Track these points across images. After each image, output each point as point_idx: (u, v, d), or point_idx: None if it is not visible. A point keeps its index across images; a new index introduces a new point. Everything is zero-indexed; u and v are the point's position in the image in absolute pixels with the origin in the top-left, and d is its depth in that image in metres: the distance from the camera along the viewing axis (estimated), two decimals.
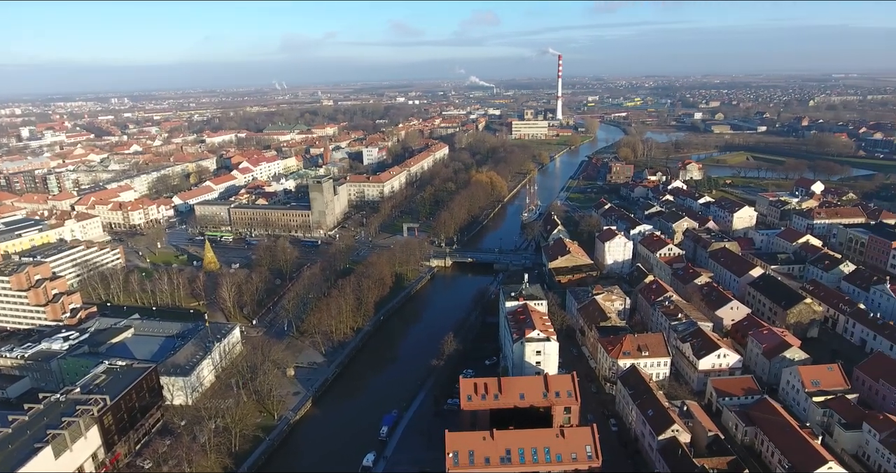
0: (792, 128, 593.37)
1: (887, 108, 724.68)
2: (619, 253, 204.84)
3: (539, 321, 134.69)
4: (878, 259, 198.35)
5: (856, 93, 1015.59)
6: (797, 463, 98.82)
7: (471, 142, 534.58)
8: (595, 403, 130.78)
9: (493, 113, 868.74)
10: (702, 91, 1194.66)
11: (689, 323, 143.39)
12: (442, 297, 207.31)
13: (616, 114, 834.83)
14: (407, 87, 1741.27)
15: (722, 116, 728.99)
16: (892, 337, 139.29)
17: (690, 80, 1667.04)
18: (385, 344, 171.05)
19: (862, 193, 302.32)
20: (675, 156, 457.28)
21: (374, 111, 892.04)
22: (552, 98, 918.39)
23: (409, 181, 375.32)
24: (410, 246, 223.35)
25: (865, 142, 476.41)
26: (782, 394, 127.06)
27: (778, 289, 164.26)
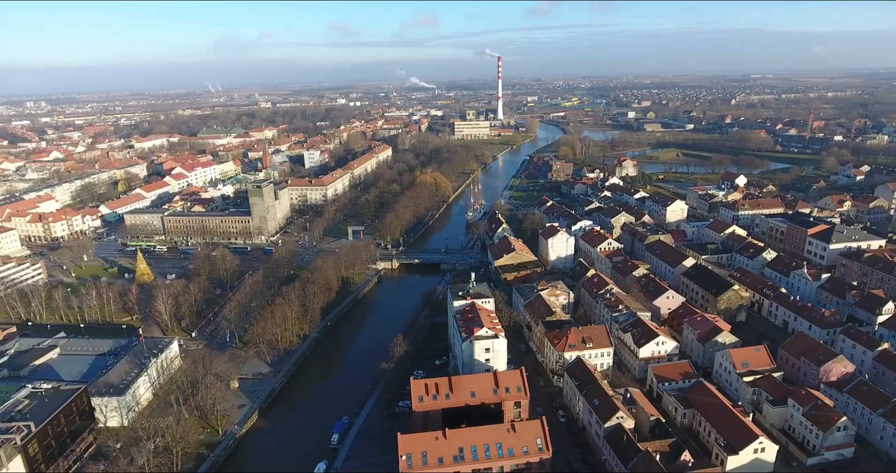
0: (716, 125, 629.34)
1: (799, 106, 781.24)
2: (562, 248, 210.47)
3: (487, 319, 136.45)
4: (796, 245, 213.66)
5: (772, 92, 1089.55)
6: (731, 440, 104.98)
7: (414, 143, 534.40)
8: (544, 396, 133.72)
9: (435, 114, 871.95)
10: (634, 91, 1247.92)
11: (630, 314, 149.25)
12: (390, 300, 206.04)
13: (555, 114, 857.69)
14: (348, 89, 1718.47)
15: (653, 115, 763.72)
16: (811, 317, 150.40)
17: (623, 81, 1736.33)
18: (333, 350, 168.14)
19: (780, 185, 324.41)
20: (612, 153, 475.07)
21: (315, 113, 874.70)
22: (493, 98, 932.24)
23: (352, 183, 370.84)
24: (356, 249, 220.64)
25: (782, 138, 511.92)
26: (716, 376, 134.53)
27: (709, 278, 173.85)
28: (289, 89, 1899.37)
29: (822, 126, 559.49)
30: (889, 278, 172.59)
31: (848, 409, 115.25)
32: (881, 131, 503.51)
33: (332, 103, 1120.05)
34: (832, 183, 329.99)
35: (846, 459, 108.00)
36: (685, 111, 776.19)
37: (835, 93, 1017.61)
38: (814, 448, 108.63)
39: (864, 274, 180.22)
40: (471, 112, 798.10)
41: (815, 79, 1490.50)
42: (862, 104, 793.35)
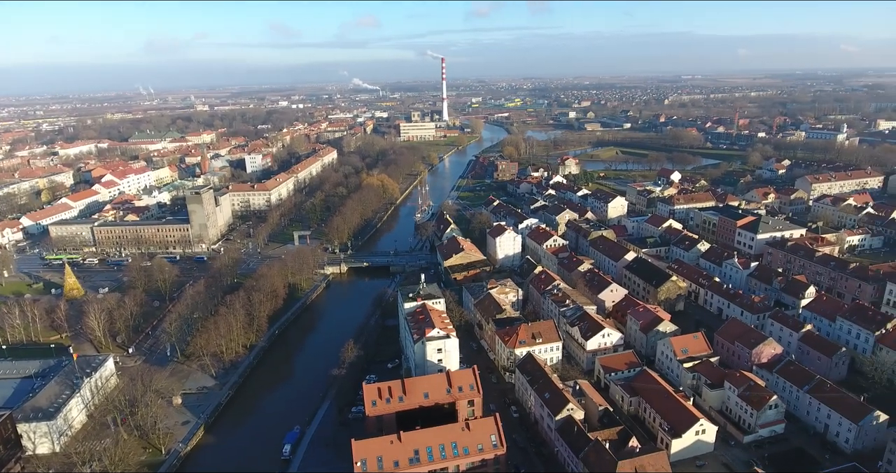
0: (652, 124, 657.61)
1: (726, 105, 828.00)
2: (510, 247, 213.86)
3: (438, 319, 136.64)
4: (727, 237, 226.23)
5: (701, 92, 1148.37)
6: (674, 424, 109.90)
7: (359, 145, 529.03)
8: (496, 393, 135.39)
9: (380, 115, 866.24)
10: (574, 91, 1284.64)
11: (576, 308, 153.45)
12: (339, 304, 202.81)
13: (499, 115, 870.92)
14: (289, 91, 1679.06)
15: (593, 115, 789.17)
16: (742, 304, 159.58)
17: (564, 82, 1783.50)
18: (282, 359, 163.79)
19: (711, 180, 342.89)
20: (555, 152, 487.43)
21: (256, 116, 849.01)
22: (438, 100, 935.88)
23: (297, 188, 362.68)
24: (303, 254, 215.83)
25: (711, 135, 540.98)
26: (658, 364, 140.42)
27: (649, 270, 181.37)
28: (227, 91, 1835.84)
29: (747, 124, 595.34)
30: (810, 264, 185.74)
31: (778, 388, 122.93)
32: (799, 128, 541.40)
33: (273, 105, 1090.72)
34: (757, 177, 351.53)
35: (778, 435, 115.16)
36: (622, 111, 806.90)
37: (757, 92, 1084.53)
38: (749, 426, 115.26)
39: (788, 261, 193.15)
40: (416, 113, 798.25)
41: (740, 79, 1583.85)
42: (782, 103, 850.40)
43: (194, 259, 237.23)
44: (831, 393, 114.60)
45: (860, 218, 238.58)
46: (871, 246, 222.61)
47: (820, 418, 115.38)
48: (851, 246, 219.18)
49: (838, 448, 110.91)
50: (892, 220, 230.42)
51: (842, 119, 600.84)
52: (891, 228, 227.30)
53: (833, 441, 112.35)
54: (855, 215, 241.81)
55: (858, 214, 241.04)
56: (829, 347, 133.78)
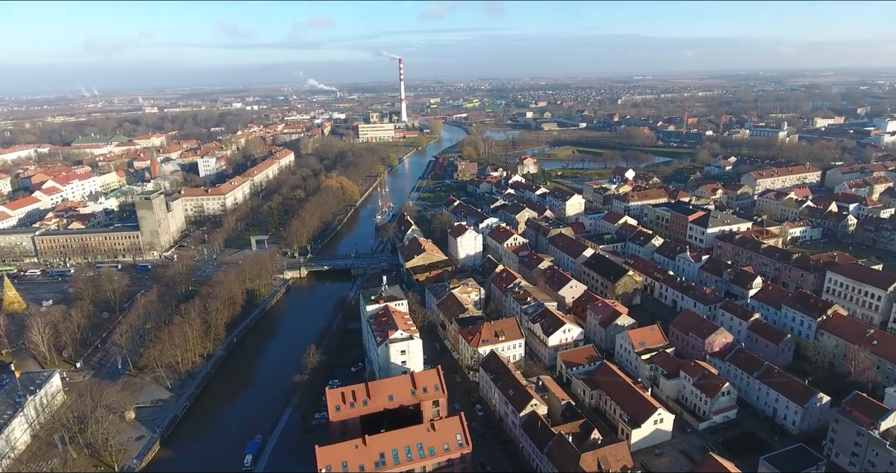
0: (606, 123, 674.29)
1: (676, 105, 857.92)
2: (471, 246, 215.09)
3: (401, 321, 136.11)
4: (679, 231, 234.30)
5: (652, 92, 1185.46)
6: (634, 415, 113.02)
7: (317, 147, 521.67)
8: (461, 392, 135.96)
9: (338, 117, 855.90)
10: (531, 92, 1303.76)
11: (538, 305, 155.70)
12: (300, 309, 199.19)
13: (457, 115, 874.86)
14: (243, 92, 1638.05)
15: (549, 115, 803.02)
16: (695, 295, 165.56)
17: (520, 82, 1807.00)
18: (242, 367, 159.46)
19: (663, 177, 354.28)
20: (513, 152, 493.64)
21: (208, 118, 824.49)
22: (396, 101, 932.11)
23: (253, 191, 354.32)
24: (261, 259, 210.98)
25: (662, 134, 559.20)
26: (618, 357, 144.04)
27: (606, 266, 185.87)
28: (177, 93, 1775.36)
29: (696, 123, 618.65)
30: (756, 256, 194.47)
31: (730, 375, 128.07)
32: (743, 126, 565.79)
33: (226, 107, 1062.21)
34: (706, 173, 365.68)
35: (731, 420, 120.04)
36: (578, 110, 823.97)
37: (704, 92, 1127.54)
38: (704, 413, 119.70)
39: (736, 253, 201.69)
40: (374, 114, 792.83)
41: (687, 80, 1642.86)
42: (727, 102, 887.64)
43: (137, 267, 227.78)
44: (778, 378, 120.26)
45: (801, 211, 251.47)
46: (811, 238, 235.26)
47: (769, 402, 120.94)
48: (794, 238, 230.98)
49: (786, 430, 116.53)
50: (830, 213, 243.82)
51: (782, 117, 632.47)
52: (829, 220, 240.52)
53: (781, 423, 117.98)
54: (796, 208, 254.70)
55: (799, 207, 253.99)
56: (775, 334, 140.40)
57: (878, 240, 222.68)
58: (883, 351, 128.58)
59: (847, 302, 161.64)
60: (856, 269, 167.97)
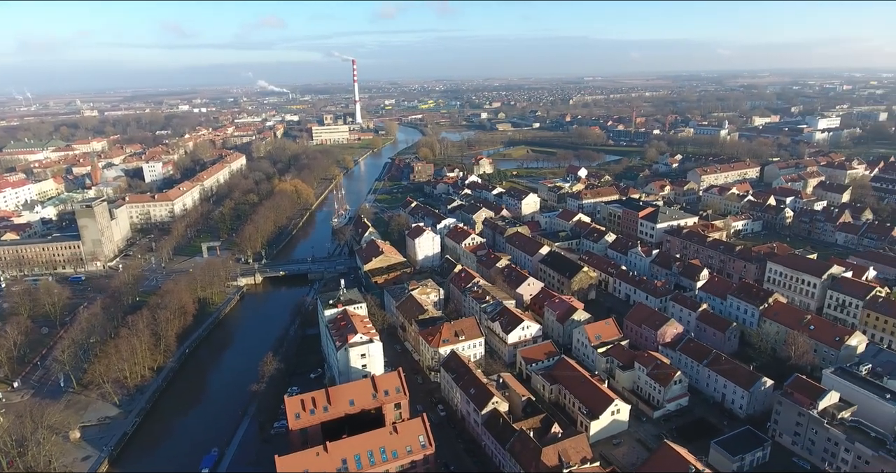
0: (558, 123, 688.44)
1: (625, 105, 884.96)
2: (429, 247, 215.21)
3: (360, 324, 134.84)
4: (630, 227, 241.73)
5: (601, 92, 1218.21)
6: (592, 407, 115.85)
7: (270, 150, 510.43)
8: (423, 393, 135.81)
9: (291, 119, 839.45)
10: (485, 93, 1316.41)
11: (496, 304, 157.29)
12: (256, 316, 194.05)
13: (413, 117, 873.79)
14: (190, 94, 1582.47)
15: (504, 115, 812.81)
16: (647, 289, 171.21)
17: (474, 83, 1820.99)
18: (195, 379, 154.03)
19: (614, 175, 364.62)
20: (469, 152, 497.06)
21: (153, 121, 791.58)
22: (350, 102, 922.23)
23: (203, 196, 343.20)
24: (213, 266, 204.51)
25: (612, 133, 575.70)
26: (575, 352, 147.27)
27: (562, 263, 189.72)
28: (118, 95, 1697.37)
29: (644, 122, 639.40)
30: (702, 249, 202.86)
31: (681, 364, 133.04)
32: (688, 125, 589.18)
33: (172, 110, 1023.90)
34: (654, 171, 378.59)
35: (683, 407, 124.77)
36: (531, 111, 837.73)
37: (651, 93, 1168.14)
38: (658, 402, 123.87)
39: (684, 247, 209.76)
40: (328, 116, 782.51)
41: (635, 81, 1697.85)
42: (672, 102, 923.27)
43: (70, 279, 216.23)
44: (726, 365, 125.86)
45: (742, 205, 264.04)
46: (752, 230, 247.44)
47: (718, 388, 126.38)
48: (737, 231, 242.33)
49: (734, 414, 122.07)
50: (769, 206, 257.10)
51: (723, 116, 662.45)
52: (768, 213, 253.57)
53: (730, 408, 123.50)
54: (738, 203, 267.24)
55: (741, 202, 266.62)
56: (722, 323, 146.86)
57: (813, 231, 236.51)
58: (819, 335, 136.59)
59: (786, 291, 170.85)
60: (793, 259, 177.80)
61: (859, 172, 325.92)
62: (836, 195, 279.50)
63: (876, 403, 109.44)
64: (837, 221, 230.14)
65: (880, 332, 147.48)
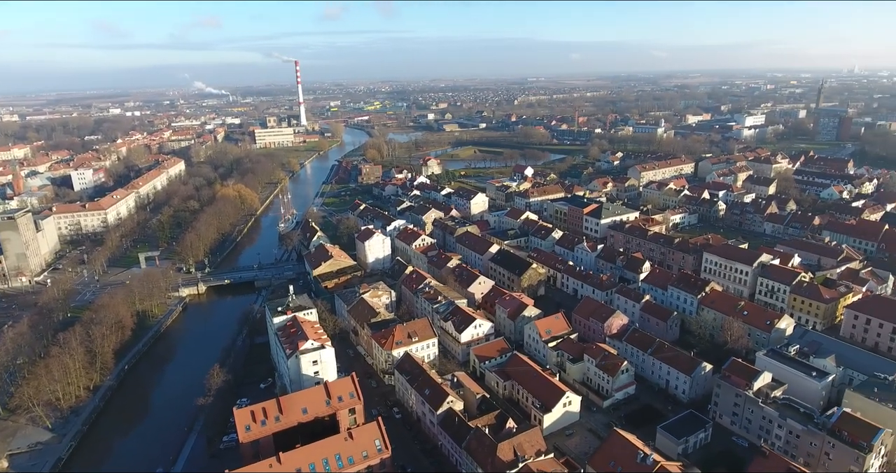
0: (504, 123, 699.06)
1: (567, 105, 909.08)
2: (379, 249, 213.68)
3: (311, 331, 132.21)
4: (576, 224, 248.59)
5: (545, 93, 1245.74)
6: (544, 400, 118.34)
7: (211, 154, 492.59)
8: (378, 397, 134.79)
9: (232, 122, 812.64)
10: (431, 94, 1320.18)
11: (448, 303, 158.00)
12: (200, 328, 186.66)
13: (359, 118, 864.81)
14: (122, 97, 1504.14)
15: (450, 116, 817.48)
16: (593, 283, 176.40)
17: (421, 84, 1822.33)
18: (136, 397, 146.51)
19: (559, 173, 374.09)
20: (417, 153, 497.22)
21: (82, 126, 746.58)
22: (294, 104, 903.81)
23: (139, 204, 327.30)
24: (152, 277, 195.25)
25: (556, 133, 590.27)
26: (527, 347, 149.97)
27: (511, 260, 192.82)
28: (42, 98, 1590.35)
29: (586, 121, 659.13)
30: (644, 243, 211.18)
31: (627, 354, 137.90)
32: (627, 124, 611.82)
33: (103, 114, 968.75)
34: (597, 168, 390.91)
35: (631, 396, 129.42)
36: (477, 111, 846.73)
37: (592, 93, 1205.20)
38: (607, 392, 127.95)
39: (627, 241, 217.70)
40: (272, 119, 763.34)
41: (576, 81, 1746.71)
42: (612, 102, 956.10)
43: None
44: (669, 353, 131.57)
45: (679, 199, 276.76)
46: (689, 223, 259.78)
47: (662, 375, 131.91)
48: (675, 224, 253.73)
49: (678, 399, 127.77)
50: (703, 200, 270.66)
51: (659, 115, 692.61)
52: (702, 206, 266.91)
53: (673, 393, 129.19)
54: (675, 197, 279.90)
55: (678, 196, 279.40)
56: (663, 313, 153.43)
57: (743, 222, 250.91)
58: (752, 319, 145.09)
59: (721, 279, 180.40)
60: (726, 249, 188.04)
61: (783, 166, 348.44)
62: (763, 188, 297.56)
63: (803, 380, 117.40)
64: (765, 212, 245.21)
65: (805, 315, 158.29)
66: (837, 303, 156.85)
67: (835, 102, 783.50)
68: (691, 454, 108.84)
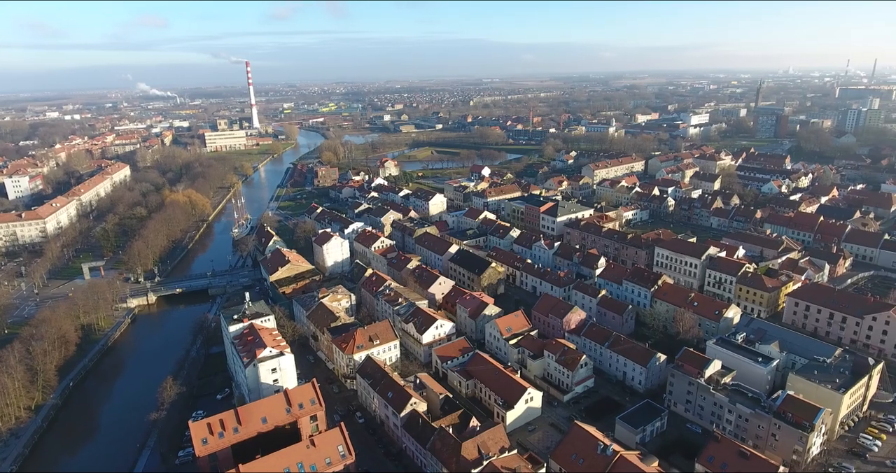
0: (461, 124, 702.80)
1: (522, 105, 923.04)
2: (338, 253, 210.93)
3: (269, 338, 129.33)
4: (534, 222, 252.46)
5: (500, 94, 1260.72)
6: (507, 397, 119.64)
7: (158, 158, 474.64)
8: (340, 402, 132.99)
9: (180, 125, 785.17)
10: (387, 95, 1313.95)
11: (409, 305, 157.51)
12: (151, 340, 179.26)
13: (314, 120, 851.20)
14: (60, 99, 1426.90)
15: (407, 117, 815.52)
16: (551, 280, 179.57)
17: (376, 86, 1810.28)
18: (83, 415, 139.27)
19: (515, 173, 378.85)
20: (374, 155, 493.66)
21: (15, 130, 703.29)
22: (246, 106, 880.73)
23: (82, 212, 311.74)
24: (97, 289, 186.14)
25: (512, 133, 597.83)
26: (488, 345, 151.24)
27: (471, 260, 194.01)
28: None
29: (540, 121, 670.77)
30: (599, 239, 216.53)
31: (586, 348, 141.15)
32: (580, 123, 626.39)
33: (39, 117, 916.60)
34: (552, 167, 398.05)
35: (590, 389, 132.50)
36: (434, 112, 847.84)
37: (545, 93, 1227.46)
38: (567, 386, 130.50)
39: (583, 238, 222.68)
40: (223, 121, 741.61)
41: (529, 82, 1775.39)
42: (565, 102, 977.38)
43: None
44: (625, 345, 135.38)
45: (631, 196, 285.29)
46: (641, 219, 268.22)
47: (619, 367, 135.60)
48: (628, 220, 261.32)
49: (635, 390, 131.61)
50: (654, 196, 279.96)
51: (610, 114, 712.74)
52: (653, 203, 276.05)
53: (630, 384, 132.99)
54: (627, 194, 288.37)
55: (630, 193, 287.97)
56: (619, 307, 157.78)
57: (692, 217, 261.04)
58: (702, 310, 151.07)
59: (673, 272, 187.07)
60: (676, 243, 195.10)
61: (727, 163, 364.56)
62: (709, 183, 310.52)
63: (750, 366, 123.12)
64: (711, 207, 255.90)
65: (751, 304, 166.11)
66: (779, 292, 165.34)
67: (772, 101, 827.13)
68: (649, 442, 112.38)
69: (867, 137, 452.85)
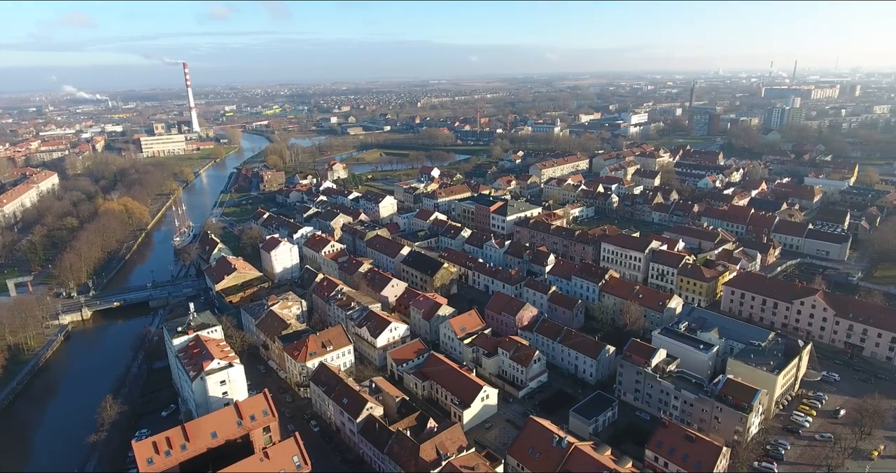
0: (409, 125, 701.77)
1: (469, 106, 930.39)
2: (287, 259, 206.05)
3: (216, 349, 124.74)
4: (484, 222, 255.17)
5: (447, 95, 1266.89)
6: (463, 397, 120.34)
7: (89, 165, 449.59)
8: (293, 411, 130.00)
9: (113, 129, 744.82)
10: (333, 97, 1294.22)
11: (362, 309, 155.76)
12: (87, 357, 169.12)
13: (257, 123, 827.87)
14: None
15: (354, 119, 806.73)
16: (503, 278, 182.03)
17: (322, 87, 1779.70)
18: (12, 442, 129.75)
19: (465, 173, 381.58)
20: (321, 158, 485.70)
21: None
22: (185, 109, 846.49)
23: (5, 225, 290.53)
24: (24, 306, 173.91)
25: (460, 134, 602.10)
26: (443, 346, 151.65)
27: (423, 261, 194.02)
28: None
29: (488, 122, 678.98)
30: (547, 236, 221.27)
31: (539, 344, 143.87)
32: (526, 123, 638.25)
33: None
34: (501, 167, 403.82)
35: (544, 383, 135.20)
36: (381, 114, 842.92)
37: (492, 94, 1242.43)
38: (521, 382, 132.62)
39: (532, 236, 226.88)
40: (160, 125, 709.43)
41: (476, 83, 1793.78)
42: (511, 102, 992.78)
43: None
44: (576, 339, 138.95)
45: (577, 194, 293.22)
46: (587, 216, 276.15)
47: (571, 361, 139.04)
48: (575, 218, 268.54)
49: (586, 382, 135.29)
50: (598, 193, 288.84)
51: (555, 114, 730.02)
52: (598, 200, 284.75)
53: (582, 377, 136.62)
54: (574, 192, 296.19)
55: (576, 191, 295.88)
56: (569, 302, 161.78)
57: (634, 213, 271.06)
58: (647, 302, 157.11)
59: (618, 267, 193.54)
60: (621, 239, 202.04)
61: (665, 160, 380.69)
62: (650, 180, 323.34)
63: (693, 353, 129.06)
64: (652, 203, 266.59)
65: (692, 293, 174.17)
66: (717, 281, 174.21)
67: (705, 101, 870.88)
68: (601, 432, 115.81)
69: (790, 134, 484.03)
